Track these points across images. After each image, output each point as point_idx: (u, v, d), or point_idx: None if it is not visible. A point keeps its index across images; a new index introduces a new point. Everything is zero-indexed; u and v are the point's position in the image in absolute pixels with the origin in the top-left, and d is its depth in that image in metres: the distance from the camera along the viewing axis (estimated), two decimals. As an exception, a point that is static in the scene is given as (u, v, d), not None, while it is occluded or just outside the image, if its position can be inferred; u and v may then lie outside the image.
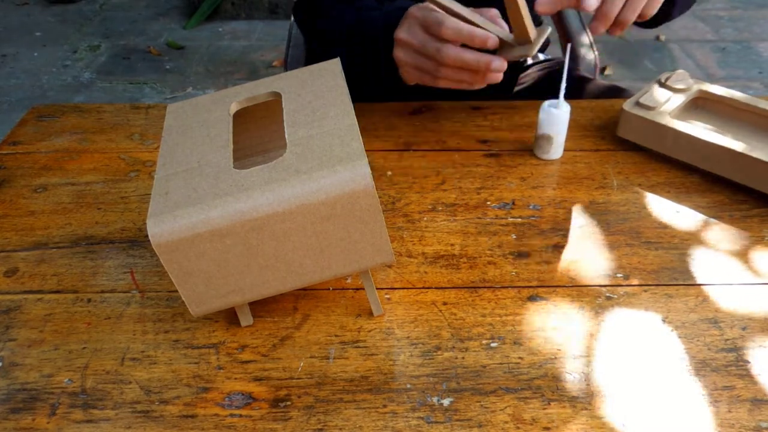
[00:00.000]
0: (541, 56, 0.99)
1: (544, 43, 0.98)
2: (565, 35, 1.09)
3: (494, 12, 0.62)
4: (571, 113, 0.77)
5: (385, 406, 0.47)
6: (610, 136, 0.73)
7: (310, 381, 0.49)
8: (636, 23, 0.68)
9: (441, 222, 0.63)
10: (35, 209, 0.66)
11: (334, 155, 0.46)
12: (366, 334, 0.52)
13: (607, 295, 0.55)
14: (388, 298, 0.55)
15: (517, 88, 0.93)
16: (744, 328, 0.51)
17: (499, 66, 0.60)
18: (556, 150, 0.69)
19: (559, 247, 0.59)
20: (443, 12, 0.60)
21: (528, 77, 0.95)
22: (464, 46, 0.61)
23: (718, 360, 0.49)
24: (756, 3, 2.76)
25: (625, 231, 0.61)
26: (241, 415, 0.46)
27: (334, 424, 0.46)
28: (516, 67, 0.95)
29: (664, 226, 0.61)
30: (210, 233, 0.45)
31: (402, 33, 0.62)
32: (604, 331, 0.52)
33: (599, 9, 0.59)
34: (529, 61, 0.96)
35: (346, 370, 0.49)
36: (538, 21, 0.72)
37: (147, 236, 0.45)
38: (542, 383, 0.48)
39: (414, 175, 0.69)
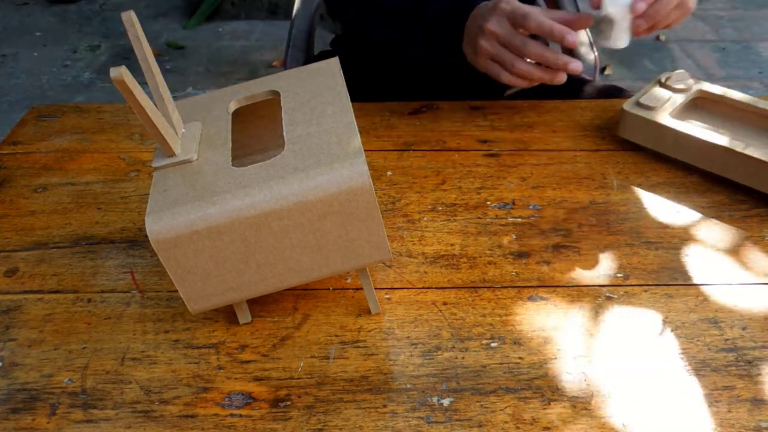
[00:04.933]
0: None
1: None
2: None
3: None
4: (572, 112, 0.77)
5: (385, 406, 0.47)
6: (610, 136, 0.73)
7: (310, 381, 0.49)
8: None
9: (441, 222, 0.63)
10: (35, 209, 0.66)
11: (332, 153, 0.46)
12: (366, 334, 0.52)
13: (607, 295, 0.55)
14: (388, 298, 0.55)
15: (513, 90, 0.93)
16: (744, 328, 0.51)
17: (575, 68, 0.64)
18: (618, 36, 0.65)
19: (559, 247, 0.59)
20: (528, 6, 0.63)
21: None
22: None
23: (718, 360, 0.49)
24: (756, 3, 2.76)
25: (625, 231, 0.61)
26: (241, 415, 0.46)
27: (334, 424, 0.46)
28: None
29: (664, 226, 0.61)
30: (208, 230, 0.45)
31: (492, 25, 0.66)
32: (604, 331, 0.52)
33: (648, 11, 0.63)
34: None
35: (346, 370, 0.49)
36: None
37: (147, 236, 0.45)
38: (542, 383, 0.48)
39: (414, 175, 0.69)
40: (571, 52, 1.07)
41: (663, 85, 0.72)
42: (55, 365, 0.51)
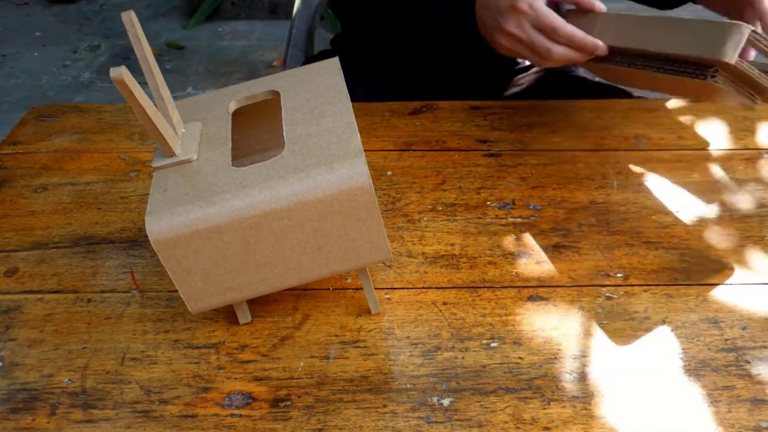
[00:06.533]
0: None
1: None
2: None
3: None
4: (572, 112, 0.77)
5: (385, 406, 0.47)
6: (610, 136, 0.73)
7: (310, 381, 0.49)
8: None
9: (441, 222, 0.63)
10: (35, 209, 0.66)
11: (332, 153, 0.46)
12: (366, 334, 0.52)
13: (607, 295, 0.55)
14: (388, 298, 0.55)
15: (513, 90, 0.93)
16: (744, 328, 0.51)
17: (603, 49, 0.63)
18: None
19: (559, 247, 0.59)
20: (553, 13, 0.62)
21: (525, 79, 0.94)
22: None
23: (718, 360, 0.49)
24: (756, 3, 2.75)
25: (625, 231, 0.61)
26: (241, 415, 0.46)
27: (334, 424, 0.46)
28: (511, 70, 0.94)
29: (664, 226, 0.61)
30: (208, 231, 0.45)
31: (511, 27, 0.64)
32: (604, 331, 0.52)
33: None
34: (526, 63, 0.96)
35: (346, 370, 0.49)
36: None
37: (147, 236, 0.45)
38: (542, 383, 0.48)
39: (414, 175, 0.69)
40: None
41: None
42: (55, 365, 0.51)
